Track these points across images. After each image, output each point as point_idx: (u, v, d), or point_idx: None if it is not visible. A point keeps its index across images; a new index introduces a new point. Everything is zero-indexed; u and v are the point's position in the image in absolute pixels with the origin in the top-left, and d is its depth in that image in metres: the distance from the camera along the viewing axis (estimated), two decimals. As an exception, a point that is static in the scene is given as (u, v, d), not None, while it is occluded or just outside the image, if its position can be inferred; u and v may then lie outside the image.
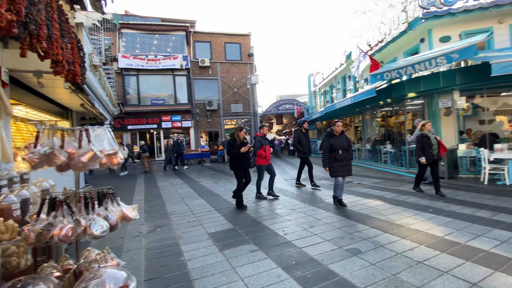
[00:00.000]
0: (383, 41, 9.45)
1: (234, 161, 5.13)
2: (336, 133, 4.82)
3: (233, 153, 5.04)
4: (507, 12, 7.18)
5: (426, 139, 5.45)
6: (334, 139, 4.81)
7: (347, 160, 4.75)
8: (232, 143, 5.09)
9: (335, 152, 4.73)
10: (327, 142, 4.83)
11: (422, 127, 5.59)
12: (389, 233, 3.46)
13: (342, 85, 15.43)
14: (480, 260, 2.66)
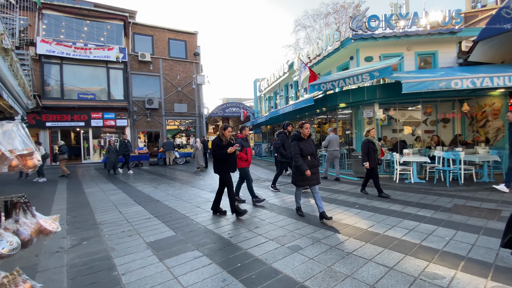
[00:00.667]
0: (320, 55, 10.44)
1: (220, 164, 4.61)
2: (304, 136, 4.28)
3: (220, 154, 4.52)
4: (413, 42, 8.84)
5: (371, 144, 5.75)
6: (302, 143, 4.28)
7: (315, 167, 4.26)
8: (218, 143, 4.59)
9: (304, 158, 4.21)
10: (295, 146, 4.28)
11: (367, 133, 5.91)
12: (324, 229, 3.81)
13: (285, 93, 16.37)
14: (395, 247, 3.16)
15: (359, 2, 22.42)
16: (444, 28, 8.35)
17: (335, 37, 9.32)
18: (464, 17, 13.50)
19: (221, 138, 4.63)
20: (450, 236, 3.43)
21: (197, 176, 10.26)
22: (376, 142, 5.83)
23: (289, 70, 14.34)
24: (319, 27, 24.62)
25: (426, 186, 6.62)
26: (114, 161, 11.40)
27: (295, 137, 4.36)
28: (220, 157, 4.56)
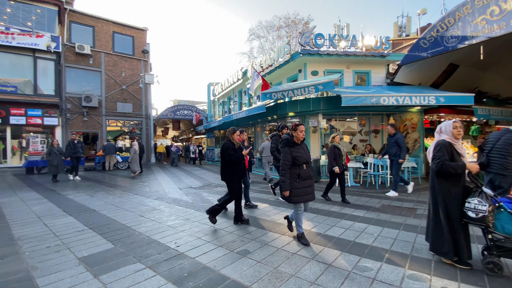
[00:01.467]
0: (272, 65, 10.94)
1: (232, 170, 4.27)
2: (298, 141, 3.57)
3: (237, 157, 4.20)
4: (352, 61, 9.98)
5: (337, 150, 5.84)
6: (296, 149, 3.51)
7: (311, 179, 3.55)
8: (232, 147, 4.27)
9: (298, 167, 3.47)
10: (287, 153, 3.46)
11: (333, 139, 6.01)
12: (272, 232, 3.97)
13: (238, 99, 16.57)
14: (333, 245, 3.48)
15: (308, 20, 24.32)
16: (376, 51, 9.65)
17: (286, 50, 9.90)
18: (392, 43, 15.82)
19: (232, 142, 4.37)
20: (378, 232, 3.94)
21: (141, 182, 9.55)
22: (341, 148, 5.94)
23: (243, 77, 14.60)
24: (272, 39, 25.80)
25: (360, 189, 7.46)
26: (58, 165, 9.62)
27: (287, 142, 3.55)
28: (236, 161, 4.25)
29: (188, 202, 6.14)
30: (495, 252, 2.64)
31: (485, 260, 2.68)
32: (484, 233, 2.73)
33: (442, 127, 3.04)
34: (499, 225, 2.61)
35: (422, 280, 2.57)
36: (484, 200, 2.65)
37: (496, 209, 2.64)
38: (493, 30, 6.42)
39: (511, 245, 2.57)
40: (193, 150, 17.74)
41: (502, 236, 2.61)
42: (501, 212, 2.61)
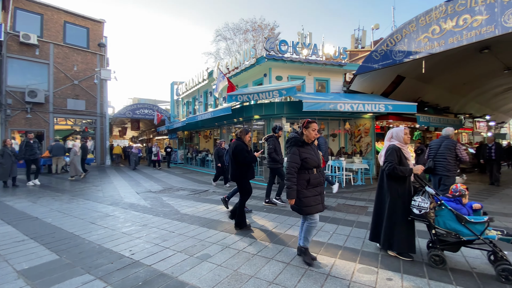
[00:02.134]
0: (238, 68, 11.00)
1: (245, 171, 4.23)
2: (308, 141, 3.07)
3: (251, 159, 4.22)
4: (313, 68, 10.51)
5: None
6: (306, 149, 3.01)
7: (321, 185, 3.07)
8: (246, 148, 4.26)
9: (308, 172, 2.96)
10: (295, 155, 2.96)
11: None
12: (234, 234, 3.98)
13: (204, 99, 16.28)
14: (292, 244, 3.61)
15: (274, 26, 24.98)
16: (334, 61, 10.32)
17: (251, 53, 10.04)
18: (349, 54, 17.05)
19: (245, 143, 4.32)
20: (333, 230, 4.20)
21: (94, 186, 8.80)
22: None
23: (208, 78, 14.40)
24: (239, 41, 25.93)
25: (320, 190, 7.87)
26: (11, 168, 8.21)
27: (296, 141, 3.03)
28: (249, 163, 4.26)
29: (146, 207, 5.84)
30: (439, 246, 2.91)
31: (430, 254, 2.92)
32: (429, 228, 3.01)
33: (393, 133, 3.31)
34: (441, 221, 2.90)
35: (370, 273, 2.80)
36: (427, 198, 2.94)
37: (438, 207, 2.94)
38: (433, 47, 7.32)
39: (452, 239, 2.86)
40: (156, 151, 16.12)
41: (444, 231, 2.90)
42: (442, 209, 2.90)
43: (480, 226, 2.69)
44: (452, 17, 6.82)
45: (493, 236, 2.65)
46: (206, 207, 5.76)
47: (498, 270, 2.59)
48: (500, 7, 6.01)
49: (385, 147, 3.33)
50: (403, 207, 3.12)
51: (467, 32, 6.59)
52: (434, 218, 2.93)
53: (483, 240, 2.68)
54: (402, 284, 2.55)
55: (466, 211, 2.91)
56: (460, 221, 2.78)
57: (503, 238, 2.63)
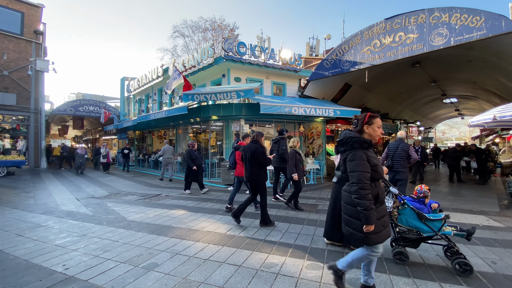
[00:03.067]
0: (196, 66, 10.70)
1: (263, 173, 4.53)
2: (374, 142, 2.50)
3: (269, 161, 4.47)
4: (271, 72, 10.80)
5: (298, 155, 5.57)
6: (372, 154, 2.27)
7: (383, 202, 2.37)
8: (264, 151, 4.42)
9: (375, 184, 2.25)
10: (364, 160, 2.18)
11: (294, 144, 5.76)
12: (186, 239, 3.83)
13: (158, 97, 15.42)
14: (245, 245, 3.63)
15: (234, 27, 24.98)
16: (291, 66, 10.76)
17: (210, 53, 9.86)
18: (304, 61, 17.98)
19: (262, 145, 4.49)
20: (286, 229, 4.34)
21: (24, 193, 7.64)
22: (302, 153, 5.70)
23: (163, 75, 13.69)
24: (198, 39, 25.27)
25: (276, 190, 8.08)
26: None
27: (361, 143, 2.22)
28: (267, 164, 4.50)
29: (87, 215, 5.27)
30: (402, 243, 3.06)
31: (394, 251, 3.06)
32: (392, 226, 3.15)
33: None
34: (404, 219, 3.07)
35: (317, 268, 2.97)
36: (390, 198, 3.10)
37: (401, 206, 3.09)
38: (375, 59, 8.15)
39: (414, 236, 3.06)
40: (105, 153, 13.92)
41: (406, 229, 3.09)
42: (405, 208, 3.07)
43: (438, 223, 2.92)
44: (390, 34, 7.70)
45: (449, 232, 2.90)
46: (157, 212, 5.44)
47: (454, 264, 2.80)
48: (428, 28, 6.98)
49: None
50: None
51: (402, 48, 7.50)
52: (397, 217, 3.08)
53: (441, 236, 2.89)
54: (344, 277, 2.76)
55: (427, 210, 3.13)
56: (420, 219, 2.96)
57: (458, 234, 2.90)
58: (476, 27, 6.19)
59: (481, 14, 6.11)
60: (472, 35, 6.26)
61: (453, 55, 8.88)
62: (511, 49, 6.92)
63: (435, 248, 3.43)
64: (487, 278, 2.71)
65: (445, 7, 6.64)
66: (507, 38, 6.36)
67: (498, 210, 5.62)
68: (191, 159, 7.56)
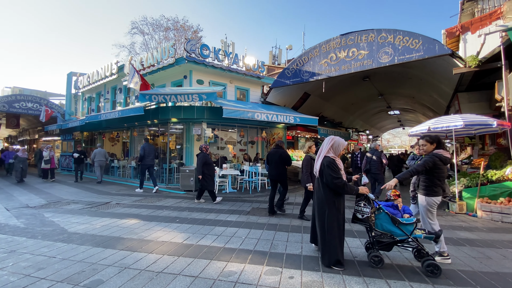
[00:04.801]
0: (155, 65, 10.16)
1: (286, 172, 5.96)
2: None
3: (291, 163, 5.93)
4: (234, 77, 10.81)
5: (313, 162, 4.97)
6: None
7: None
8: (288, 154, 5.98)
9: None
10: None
11: (309, 150, 5.25)
12: (138, 251, 3.53)
13: (112, 96, 14.23)
14: (203, 254, 3.48)
15: (197, 29, 24.53)
16: (254, 72, 10.92)
17: (171, 52, 9.47)
18: (267, 68, 18.48)
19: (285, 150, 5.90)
20: (246, 234, 4.30)
21: None
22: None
23: (118, 72, 12.70)
24: (159, 38, 24.15)
25: (237, 195, 8.03)
26: None
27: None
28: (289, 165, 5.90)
29: (18, 228, 4.54)
30: (377, 247, 3.18)
31: (370, 255, 3.16)
32: (368, 231, 3.29)
33: (334, 145, 3.28)
34: (379, 224, 3.19)
35: (275, 273, 2.98)
36: (368, 204, 3.22)
37: (377, 211, 3.22)
38: (331, 72, 8.72)
39: (388, 240, 3.19)
40: (48, 157, 11.07)
41: (380, 233, 3.21)
42: (380, 212, 3.20)
43: (410, 227, 3.08)
44: (344, 49, 8.34)
45: (419, 235, 3.08)
46: (104, 222, 4.94)
47: (424, 265, 2.94)
48: (376, 46, 7.73)
49: (321, 157, 3.29)
50: (339, 221, 3.15)
51: (354, 63, 8.17)
52: (374, 222, 3.21)
53: (412, 239, 3.03)
54: (301, 280, 2.82)
55: (401, 215, 3.29)
56: (394, 223, 3.11)
57: (427, 237, 3.09)
58: (415, 49, 7.06)
59: (419, 38, 7.00)
60: (412, 55, 7.13)
61: (397, 72, 9.99)
62: (442, 70, 8.04)
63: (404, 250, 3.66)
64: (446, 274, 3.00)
65: (391, 29, 7.46)
66: (439, 60, 7.40)
67: (431, 210, 6.40)
68: (207, 164, 6.61)
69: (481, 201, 5.60)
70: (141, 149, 8.58)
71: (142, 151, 8.50)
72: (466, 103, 8.26)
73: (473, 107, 7.89)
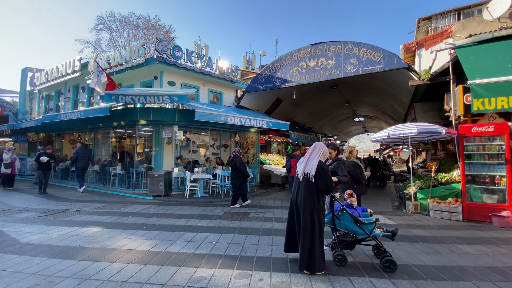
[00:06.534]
0: (123, 64, 9.70)
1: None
2: None
3: None
4: (208, 80, 10.71)
5: (359, 168, 4.75)
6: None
7: None
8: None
9: None
10: None
11: (350, 155, 4.92)
12: (100, 261, 3.32)
13: (73, 95, 13.24)
14: (172, 261, 3.39)
15: (170, 29, 23.91)
16: (228, 76, 10.94)
17: (140, 52, 9.13)
18: (241, 73, 18.62)
19: None
20: (217, 239, 4.27)
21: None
22: (361, 165, 4.84)
23: (81, 70, 11.88)
24: (128, 36, 23.07)
25: (209, 199, 7.92)
26: None
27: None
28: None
29: (-44, 240, 4.01)
30: (341, 246, 3.33)
31: (335, 254, 3.30)
32: (333, 231, 3.45)
33: (325, 153, 3.24)
34: (343, 224, 3.38)
35: (245, 277, 3.00)
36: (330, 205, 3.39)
37: (340, 212, 3.39)
38: (302, 79, 9.06)
39: (350, 239, 3.39)
40: (10, 160, 9.53)
41: (344, 232, 3.39)
42: (344, 213, 3.39)
43: (370, 226, 3.31)
44: (314, 58, 8.74)
45: (378, 233, 3.31)
46: (62, 231, 4.57)
47: (382, 262, 3.14)
48: (343, 57, 8.22)
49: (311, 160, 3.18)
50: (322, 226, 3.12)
51: (323, 72, 8.59)
52: (337, 222, 3.38)
53: (372, 238, 3.26)
54: (271, 282, 2.88)
55: (358, 214, 3.47)
56: (356, 223, 3.32)
57: (385, 235, 3.34)
58: (377, 61, 7.65)
59: (380, 51, 7.60)
60: (374, 67, 7.70)
61: (361, 82, 10.70)
62: (401, 81, 8.80)
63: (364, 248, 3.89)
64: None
65: (356, 41, 8.00)
66: (398, 73, 8.09)
67: (391, 210, 6.91)
68: (243, 166, 7.02)
69: (432, 201, 6.19)
70: (75, 153, 9.22)
71: (75, 154, 9.13)
72: (420, 112, 9.11)
73: (426, 116, 8.73)
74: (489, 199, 5.69)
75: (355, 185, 4.58)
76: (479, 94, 4.92)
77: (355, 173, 4.59)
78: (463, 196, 5.86)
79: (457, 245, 4.15)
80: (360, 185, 4.69)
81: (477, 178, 5.86)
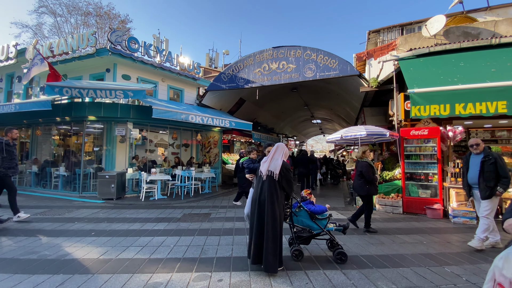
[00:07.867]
0: (69, 53, 8.72)
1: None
2: None
3: None
4: (167, 75, 10.22)
5: (372, 169, 4.76)
6: None
7: None
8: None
9: None
10: None
11: (363, 155, 4.88)
12: (38, 274, 2.94)
13: (6, 85, 11.48)
14: (124, 268, 3.16)
15: (126, 19, 22.21)
16: (189, 73, 10.59)
17: (90, 41, 8.31)
18: (203, 70, 18.20)
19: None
20: (175, 243, 4.10)
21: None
22: (374, 165, 4.85)
23: (17, 57, 10.37)
24: (76, 23, 20.77)
25: (167, 201, 7.56)
26: None
27: None
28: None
29: None
30: (298, 242, 3.46)
31: (292, 249, 3.42)
32: (291, 228, 3.56)
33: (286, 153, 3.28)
34: (300, 220, 3.53)
35: (204, 278, 2.94)
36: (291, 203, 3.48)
37: (297, 208, 3.55)
38: (264, 81, 9.22)
39: (306, 234, 3.52)
40: None
41: (301, 228, 3.54)
42: (301, 210, 3.55)
43: (324, 221, 3.51)
44: (276, 61, 8.98)
45: (331, 228, 3.53)
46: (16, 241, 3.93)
47: (335, 254, 3.37)
48: (302, 61, 8.60)
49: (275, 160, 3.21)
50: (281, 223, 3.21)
51: (284, 75, 8.88)
52: (295, 218, 3.52)
53: (326, 232, 3.47)
54: (230, 282, 2.87)
55: (313, 209, 3.62)
56: (312, 219, 3.51)
57: (337, 229, 3.55)
58: (333, 68, 8.18)
59: (336, 58, 8.15)
60: (330, 73, 8.22)
61: (319, 86, 11.33)
62: (353, 87, 9.54)
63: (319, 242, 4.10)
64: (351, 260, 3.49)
65: (314, 48, 8.44)
66: (350, 79, 8.75)
67: (343, 206, 7.45)
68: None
69: (378, 197, 6.85)
70: None
71: None
72: (369, 116, 10.01)
73: (374, 120, 9.62)
74: (424, 193, 6.51)
75: (367, 185, 4.73)
76: (416, 101, 5.58)
77: (367, 174, 4.67)
78: (403, 192, 6.61)
79: (398, 236, 4.66)
80: (372, 185, 4.80)
81: (415, 176, 6.66)
